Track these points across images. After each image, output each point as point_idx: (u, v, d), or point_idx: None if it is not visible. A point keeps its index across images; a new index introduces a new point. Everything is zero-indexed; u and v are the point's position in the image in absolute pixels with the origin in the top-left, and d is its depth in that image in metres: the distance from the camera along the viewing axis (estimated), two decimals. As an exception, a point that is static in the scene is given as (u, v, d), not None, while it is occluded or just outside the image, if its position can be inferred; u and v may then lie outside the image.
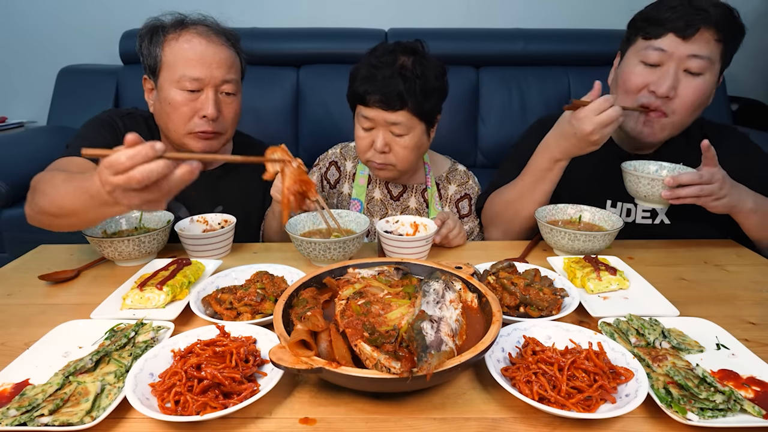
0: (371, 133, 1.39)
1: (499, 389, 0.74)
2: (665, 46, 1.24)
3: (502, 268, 1.06)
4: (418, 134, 1.39)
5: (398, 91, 1.30)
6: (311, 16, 3.09)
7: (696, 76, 1.25)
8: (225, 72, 1.33)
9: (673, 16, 1.22)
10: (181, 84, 1.30)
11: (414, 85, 1.30)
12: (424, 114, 1.36)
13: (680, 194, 1.15)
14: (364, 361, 0.68)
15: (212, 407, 0.69)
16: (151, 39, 1.33)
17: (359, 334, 0.72)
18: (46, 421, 0.66)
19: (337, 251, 1.17)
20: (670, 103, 1.27)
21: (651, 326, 0.86)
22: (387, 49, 1.36)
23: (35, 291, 1.11)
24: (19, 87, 3.22)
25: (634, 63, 1.31)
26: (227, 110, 1.37)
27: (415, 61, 1.33)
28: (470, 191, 1.60)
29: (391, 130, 1.36)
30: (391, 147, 1.39)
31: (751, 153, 1.43)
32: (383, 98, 1.31)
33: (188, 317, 0.97)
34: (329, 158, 1.66)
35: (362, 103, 1.36)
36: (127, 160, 0.77)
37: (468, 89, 2.86)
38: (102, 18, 3.07)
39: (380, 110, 1.33)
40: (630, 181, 1.25)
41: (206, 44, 1.31)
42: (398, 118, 1.33)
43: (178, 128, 1.35)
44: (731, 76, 3.02)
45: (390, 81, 1.30)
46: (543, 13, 3.09)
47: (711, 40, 1.22)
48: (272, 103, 2.80)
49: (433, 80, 1.35)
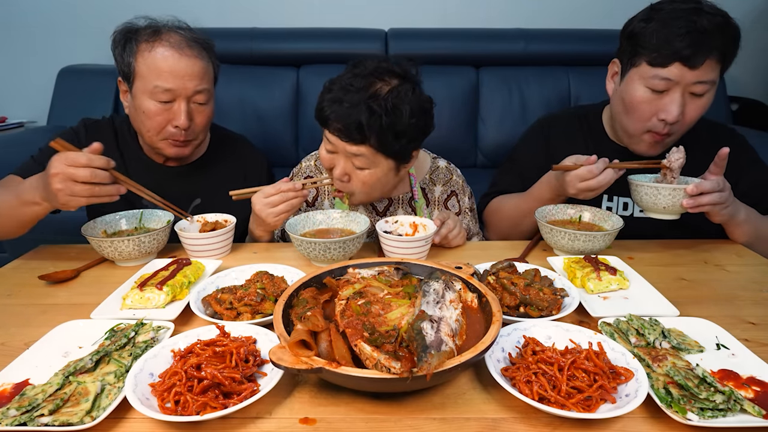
0: (333, 157, 1.28)
1: (499, 389, 0.74)
2: (672, 76, 1.23)
3: (502, 268, 1.06)
4: (383, 170, 1.27)
5: (358, 123, 1.16)
6: (311, 16, 3.09)
7: (700, 97, 1.26)
8: (197, 83, 1.33)
9: (681, 45, 1.19)
10: (154, 95, 1.31)
11: (379, 120, 1.15)
12: (391, 153, 1.23)
13: (702, 202, 1.16)
14: (364, 361, 0.68)
15: (212, 407, 0.69)
16: (125, 47, 1.33)
17: (359, 334, 0.72)
18: (46, 421, 0.66)
19: (337, 251, 1.17)
20: (675, 124, 1.29)
21: (651, 326, 0.86)
22: (365, 70, 1.21)
23: (35, 291, 1.11)
24: (19, 87, 3.22)
25: (640, 88, 1.29)
26: (199, 118, 1.39)
27: (392, 91, 1.18)
28: (455, 187, 1.53)
29: (353, 161, 1.25)
30: (350, 177, 1.29)
31: (745, 155, 1.43)
32: (342, 128, 1.19)
33: (188, 317, 0.97)
34: (303, 173, 1.54)
35: (324, 126, 1.25)
36: (86, 159, 1.05)
37: (468, 89, 2.86)
38: (102, 18, 3.07)
39: (339, 140, 1.22)
40: (647, 194, 1.22)
41: (178, 57, 1.30)
42: (360, 150, 1.21)
43: (152, 135, 1.37)
44: (731, 76, 3.02)
45: (354, 110, 1.16)
46: (543, 13, 3.09)
47: (714, 64, 1.23)
48: (272, 103, 2.80)
49: (408, 118, 1.18)
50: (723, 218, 1.25)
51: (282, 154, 2.76)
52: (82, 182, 1.05)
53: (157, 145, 1.39)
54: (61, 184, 1.04)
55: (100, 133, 1.47)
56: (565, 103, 2.81)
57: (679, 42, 1.20)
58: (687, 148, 1.26)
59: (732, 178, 1.28)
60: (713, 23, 1.20)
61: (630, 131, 1.37)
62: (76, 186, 1.05)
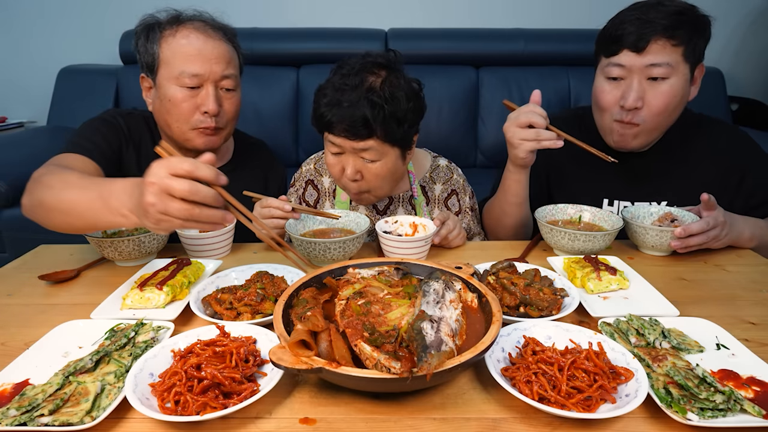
0: (341, 158, 1.30)
1: (499, 389, 0.74)
2: (623, 61, 1.28)
3: (502, 268, 1.06)
4: (392, 159, 1.30)
5: (364, 118, 1.18)
6: (311, 16, 3.09)
7: (661, 81, 1.27)
8: (224, 67, 1.32)
9: (625, 32, 1.26)
10: (180, 81, 1.30)
11: (382, 111, 1.19)
12: (396, 140, 1.26)
13: (690, 243, 1.18)
14: (364, 361, 0.68)
15: (212, 407, 0.69)
16: (148, 36, 1.32)
17: (359, 334, 0.72)
18: (46, 421, 0.66)
19: (337, 251, 1.17)
20: (640, 112, 1.31)
21: (651, 326, 0.86)
22: (353, 68, 1.24)
23: (35, 291, 1.11)
24: (19, 87, 3.22)
25: (601, 80, 1.36)
26: (228, 105, 1.37)
27: (386, 82, 1.22)
28: (456, 186, 1.53)
29: (362, 156, 1.27)
30: (363, 174, 1.30)
31: (750, 153, 1.43)
32: (348, 127, 1.20)
33: (188, 317, 0.97)
34: (304, 177, 1.55)
35: (328, 130, 1.26)
36: (189, 166, 0.77)
37: (468, 89, 2.86)
38: (102, 18, 3.08)
39: (346, 139, 1.23)
40: (636, 231, 1.26)
41: (204, 39, 1.30)
42: (367, 144, 1.23)
43: (180, 125, 1.34)
44: (731, 76, 3.02)
45: (356, 107, 1.18)
46: (543, 13, 3.09)
47: (666, 46, 1.25)
48: (272, 103, 2.81)
49: (405, 102, 1.23)
50: (723, 246, 1.26)
51: (282, 154, 2.76)
52: (180, 198, 0.77)
53: (187, 135, 1.36)
54: (155, 197, 0.78)
55: (139, 126, 1.43)
56: (565, 103, 2.81)
57: (625, 29, 1.26)
58: (684, 143, 1.26)
59: (736, 177, 1.28)
60: (663, 11, 1.24)
61: (601, 125, 1.41)
62: (172, 203, 0.77)
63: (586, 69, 2.82)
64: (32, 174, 1.15)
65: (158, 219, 0.80)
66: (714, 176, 1.40)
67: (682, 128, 1.41)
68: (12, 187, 2.22)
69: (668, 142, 1.42)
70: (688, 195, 1.36)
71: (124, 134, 1.41)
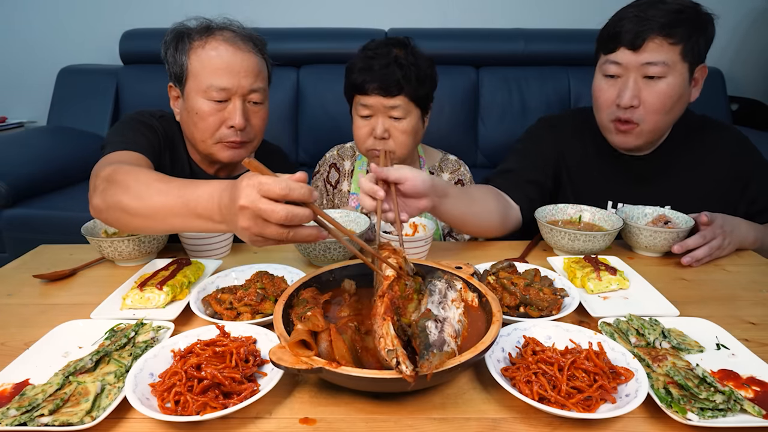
0: (370, 121, 1.45)
1: (499, 389, 0.74)
2: (620, 59, 1.28)
3: (502, 268, 1.06)
4: (415, 119, 1.46)
5: (396, 78, 1.38)
6: (311, 16, 3.09)
7: (657, 80, 1.27)
8: (252, 80, 1.30)
9: (623, 29, 1.26)
10: (207, 94, 1.27)
11: (409, 71, 1.40)
12: (419, 99, 1.44)
13: (697, 256, 1.19)
14: (376, 340, 0.68)
15: (212, 407, 0.69)
16: (177, 46, 1.29)
17: (392, 312, 0.73)
18: (46, 421, 0.66)
19: (337, 251, 1.17)
20: (637, 111, 1.30)
21: (651, 326, 0.86)
22: (380, 43, 1.45)
23: (35, 291, 1.11)
24: (19, 87, 3.22)
25: (599, 78, 1.36)
26: (255, 119, 1.35)
27: (407, 52, 1.44)
28: (462, 177, 1.65)
29: (390, 114, 1.43)
30: (390, 132, 1.45)
31: (752, 159, 1.42)
32: (381, 85, 1.39)
33: (188, 317, 0.97)
34: (328, 162, 1.72)
35: (361, 92, 1.42)
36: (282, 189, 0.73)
37: (468, 89, 2.86)
38: (102, 18, 3.08)
39: (379, 97, 1.40)
40: (629, 231, 1.27)
41: (233, 52, 1.27)
42: (396, 102, 1.41)
43: (205, 138, 1.32)
44: (731, 76, 3.02)
45: (387, 69, 1.39)
46: (543, 13, 3.09)
47: (663, 45, 1.24)
48: (272, 103, 2.75)
49: (426, 68, 1.45)
50: (729, 253, 1.26)
51: (282, 154, 2.76)
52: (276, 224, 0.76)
53: (210, 150, 1.34)
54: (250, 221, 0.76)
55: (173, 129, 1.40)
56: (565, 103, 2.81)
57: (623, 26, 1.26)
58: (689, 147, 1.26)
59: (740, 183, 1.27)
60: (662, 9, 1.24)
61: (601, 124, 1.41)
62: (268, 228, 0.76)
63: (586, 69, 2.82)
64: (95, 171, 1.08)
65: (253, 240, 0.80)
66: (718, 181, 1.40)
67: (687, 131, 1.41)
68: (12, 187, 2.21)
69: (672, 145, 1.42)
70: (692, 199, 1.35)
71: (161, 137, 1.36)
